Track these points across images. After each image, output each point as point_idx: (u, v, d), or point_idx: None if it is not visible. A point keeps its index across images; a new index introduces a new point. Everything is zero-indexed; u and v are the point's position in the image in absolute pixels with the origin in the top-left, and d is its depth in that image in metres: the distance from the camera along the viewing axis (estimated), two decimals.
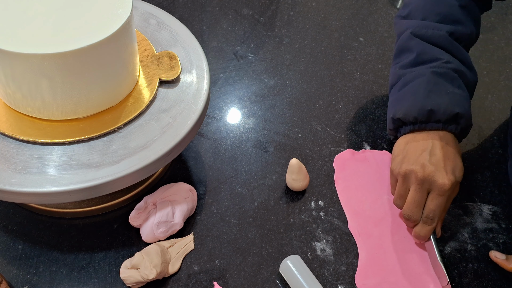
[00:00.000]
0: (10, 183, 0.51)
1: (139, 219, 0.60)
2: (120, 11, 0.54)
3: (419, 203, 0.61)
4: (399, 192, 0.63)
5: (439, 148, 0.61)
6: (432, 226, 0.61)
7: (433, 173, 0.60)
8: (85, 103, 0.56)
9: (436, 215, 0.60)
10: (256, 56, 0.89)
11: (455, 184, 0.60)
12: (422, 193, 0.61)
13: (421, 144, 0.63)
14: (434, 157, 0.61)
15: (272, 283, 0.59)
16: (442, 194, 0.60)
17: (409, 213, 0.61)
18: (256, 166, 0.71)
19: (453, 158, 0.62)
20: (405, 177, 0.62)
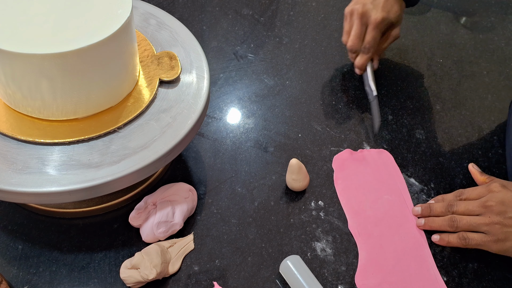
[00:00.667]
0: (10, 183, 0.51)
1: (139, 219, 0.60)
2: (120, 11, 0.54)
3: (359, 35, 0.77)
4: (345, 28, 0.79)
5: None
6: (368, 55, 0.78)
7: (370, 10, 0.76)
8: (85, 103, 0.56)
9: (371, 46, 0.77)
10: (256, 56, 0.89)
11: (386, 20, 0.76)
12: (361, 26, 0.76)
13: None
14: (375, 1, 0.76)
15: (272, 283, 0.59)
16: (375, 27, 0.75)
17: (351, 44, 0.77)
18: (256, 166, 0.71)
19: (391, 3, 0.76)
20: (350, 15, 0.78)
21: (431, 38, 0.96)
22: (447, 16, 1.02)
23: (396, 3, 0.78)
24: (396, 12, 0.77)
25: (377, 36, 0.77)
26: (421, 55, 0.93)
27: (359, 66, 0.80)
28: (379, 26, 0.76)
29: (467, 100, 0.85)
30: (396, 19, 0.78)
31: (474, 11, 1.05)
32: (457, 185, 0.71)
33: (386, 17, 0.76)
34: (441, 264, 0.63)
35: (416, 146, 0.76)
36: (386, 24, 0.77)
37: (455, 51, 0.94)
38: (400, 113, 0.81)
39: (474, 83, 0.88)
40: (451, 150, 0.76)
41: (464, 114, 0.82)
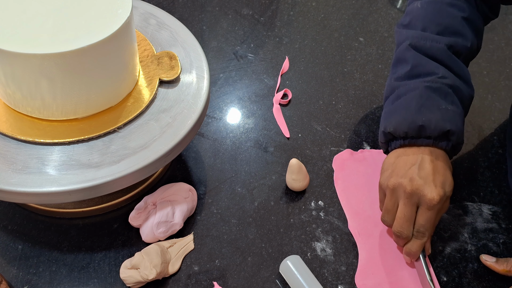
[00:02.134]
0: (10, 183, 0.51)
1: (139, 219, 0.60)
2: (120, 11, 0.54)
3: (409, 217, 0.59)
4: (387, 206, 0.61)
5: (428, 162, 0.60)
6: (423, 241, 0.60)
7: (422, 186, 0.58)
8: (85, 103, 0.56)
9: (426, 229, 0.59)
10: (256, 56, 0.89)
11: (444, 198, 0.59)
12: (411, 207, 0.59)
13: (410, 159, 0.61)
14: (423, 171, 0.59)
15: (272, 283, 0.59)
16: (431, 209, 0.58)
17: (400, 229, 0.60)
18: (256, 166, 0.71)
19: (443, 173, 0.60)
20: (393, 191, 0.60)
21: None
22: None
23: (447, 167, 0.61)
24: (451, 184, 0.60)
25: (433, 219, 0.59)
26: None
27: (412, 254, 0.61)
28: (436, 207, 0.58)
29: None
30: (452, 191, 0.61)
31: None
32: (457, 185, 0.71)
33: (443, 194, 0.58)
34: (441, 264, 0.63)
35: None
36: (444, 202, 0.60)
37: None
38: None
39: (474, 83, 0.88)
40: None
41: None
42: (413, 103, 0.62)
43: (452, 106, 0.62)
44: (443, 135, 0.61)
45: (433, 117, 0.61)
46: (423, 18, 0.67)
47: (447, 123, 0.60)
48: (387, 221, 0.62)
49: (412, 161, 0.61)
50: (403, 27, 0.70)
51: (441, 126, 0.60)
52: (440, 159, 0.61)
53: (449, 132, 0.61)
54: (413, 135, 0.62)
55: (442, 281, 0.61)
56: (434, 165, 0.60)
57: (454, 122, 0.61)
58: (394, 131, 0.63)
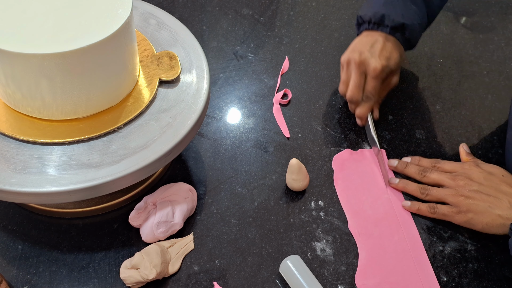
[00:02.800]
0: (10, 183, 0.51)
1: (139, 219, 0.60)
2: (120, 11, 0.54)
3: (358, 84, 0.72)
4: (343, 78, 0.75)
5: (380, 43, 0.73)
6: (369, 104, 0.74)
7: (368, 58, 0.71)
8: (85, 103, 0.56)
9: (372, 95, 0.73)
10: (256, 56, 0.89)
11: (386, 68, 0.72)
12: (360, 76, 0.72)
13: (367, 39, 0.74)
14: (372, 48, 0.72)
15: (272, 283, 0.59)
16: (375, 77, 0.71)
17: (351, 94, 0.73)
18: (256, 166, 0.71)
19: (390, 51, 0.73)
20: (348, 64, 0.74)
21: (431, 38, 0.96)
22: (447, 16, 1.02)
23: (395, 49, 0.74)
24: (396, 59, 0.74)
25: (378, 86, 0.73)
26: (421, 55, 0.93)
27: (360, 116, 0.75)
28: (380, 75, 0.72)
29: (467, 100, 0.85)
30: (396, 66, 0.75)
31: (474, 11, 1.05)
32: None
33: (386, 65, 0.72)
34: (441, 264, 0.63)
35: (416, 146, 0.76)
36: (386, 72, 0.73)
37: (455, 51, 0.94)
38: (400, 113, 0.81)
39: (474, 83, 0.88)
40: (451, 150, 0.76)
41: (464, 114, 0.82)
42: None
43: (415, 6, 0.74)
44: (398, 27, 0.74)
45: (393, 11, 0.73)
46: None
47: (404, 18, 0.73)
48: (342, 90, 0.76)
49: (368, 41, 0.74)
50: None
51: (398, 19, 0.73)
52: (391, 43, 0.74)
53: (403, 25, 0.74)
54: (375, 22, 0.75)
55: (442, 281, 0.61)
56: (383, 45, 0.73)
57: (411, 18, 0.74)
58: (363, 16, 0.76)
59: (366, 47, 0.73)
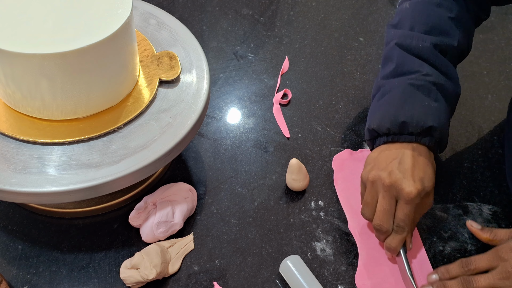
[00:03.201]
0: (10, 183, 0.51)
1: (139, 219, 0.60)
2: (120, 11, 0.54)
3: (387, 211, 0.59)
4: (366, 199, 0.62)
5: (409, 157, 0.60)
6: (402, 235, 0.60)
7: (400, 180, 0.59)
8: (85, 103, 0.56)
9: (406, 224, 0.59)
10: (256, 56, 0.89)
11: (422, 193, 0.59)
12: (390, 200, 0.59)
13: (392, 153, 0.62)
14: (402, 166, 0.60)
15: (272, 283, 0.59)
16: (409, 203, 0.58)
17: (379, 223, 0.60)
18: (256, 166, 0.71)
19: (423, 168, 0.60)
20: (373, 184, 0.61)
21: None
22: None
23: (428, 163, 0.61)
24: (431, 179, 0.60)
25: (412, 213, 0.59)
26: None
27: (392, 249, 0.61)
28: (414, 201, 0.58)
29: (467, 100, 0.85)
30: (432, 186, 0.60)
31: None
32: (457, 185, 0.71)
33: (421, 188, 0.58)
34: (441, 264, 0.63)
35: None
36: (422, 196, 0.59)
37: None
38: None
39: (474, 83, 0.88)
40: (451, 150, 0.76)
41: (464, 114, 0.82)
42: (396, 100, 0.63)
43: (435, 103, 0.62)
44: (426, 131, 0.61)
45: (415, 113, 0.61)
46: (411, 17, 0.68)
47: (429, 119, 0.61)
48: (366, 215, 0.62)
49: (393, 156, 0.61)
50: (392, 27, 0.71)
51: (423, 122, 0.61)
52: (423, 155, 0.61)
53: (431, 128, 0.61)
54: (395, 132, 0.62)
55: None
56: (414, 160, 0.60)
57: (437, 118, 0.61)
58: (377, 128, 0.63)
59: (394, 165, 0.60)
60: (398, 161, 0.60)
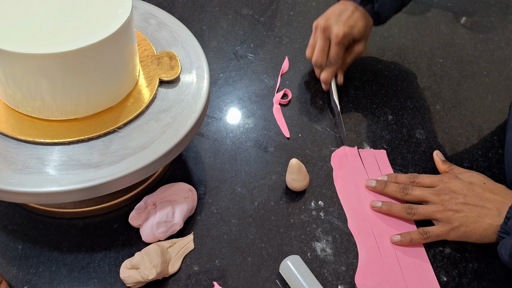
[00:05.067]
0: (10, 183, 0.51)
1: (139, 219, 0.60)
2: (120, 11, 0.54)
3: (322, 49, 0.77)
4: (310, 42, 0.80)
5: (349, 11, 0.76)
6: (333, 69, 0.78)
7: (332, 25, 0.75)
8: (85, 103, 0.56)
9: (335, 60, 0.77)
10: (256, 56, 0.89)
11: (348, 36, 0.75)
12: (324, 41, 0.76)
13: (339, 7, 0.78)
14: (340, 16, 0.76)
15: (272, 283, 0.59)
16: (337, 43, 0.75)
17: (315, 59, 0.77)
18: (256, 166, 0.71)
19: (356, 20, 0.76)
20: (315, 29, 0.78)
21: (431, 38, 0.96)
22: (447, 16, 1.02)
23: (362, 19, 0.77)
24: (360, 28, 0.76)
25: (340, 51, 0.76)
26: (421, 55, 0.93)
27: (323, 80, 0.79)
28: (342, 42, 0.75)
29: (467, 100, 0.85)
30: (360, 35, 0.77)
31: (474, 11, 1.05)
32: None
33: (348, 32, 0.75)
34: (441, 264, 0.63)
35: (416, 146, 0.76)
36: (349, 39, 0.76)
37: (455, 51, 0.94)
38: (400, 113, 0.81)
39: (474, 83, 0.88)
40: (451, 150, 0.76)
41: (464, 114, 0.82)
42: None
43: None
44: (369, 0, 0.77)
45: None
46: None
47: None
48: (307, 54, 0.80)
49: (338, 9, 0.77)
50: None
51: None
52: (361, 13, 0.77)
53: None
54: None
55: (442, 281, 0.61)
56: (351, 14, 0.76)
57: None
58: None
59: (334, 14, 0.76)
60: (339, 12, 0.77)
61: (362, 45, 0.79)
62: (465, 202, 0.62)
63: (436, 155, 0.72)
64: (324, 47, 0.77)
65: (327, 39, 0.76)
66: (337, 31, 0.74)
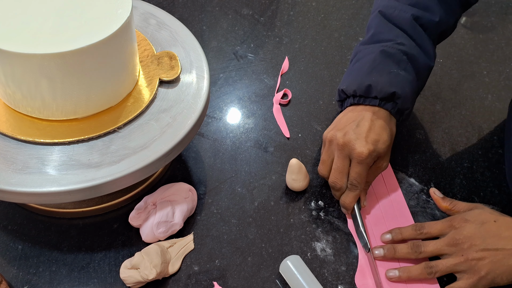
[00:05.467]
0: (10, 183, 0.51)
1: (139, 219, 0.60)
2: (120, 11, 0.54)
3: (341, 169, 0.64)
4: (323, 157, 0.66)
5: (368, 120, 0.64)
6: (355, 193, 0.64)
7: (353, 141, 0.62)
8: (85, 103, 0.56)
9: (358, 182, 0.63)
10: (256, 56, 0.89)
11: (373, 153, 0.62)
12: (343, 160, 0.63)
13: (354, 115, 0.66)
14: (359, 128, 0.63)
15: (272, 283, 0.59)
16: (361, 162, 0.62)
17: (334, 180, 0.64)
18: (256, 166, 0.71)
19: (378, 132, 0.63)
20: (330, 143, 0.65)
21: None
22: None
23: (385, 129, 0.64)
24: (385, 143, 0.63)
25: (364, 172, 0.63)
26: None
27: (346, 206, 0.65)
28: (366, 161, 0.62)
29: (467, 100, 0.85)
30: (385, 150, 0.64)
31: (474, 11, 1.05)
32: (457, 185, 0.71)
33: (373, 150, 0.62)
34: None
35: (416, 146, 0.76)
36: (373, 157, 0.63)
37: (455, 51, 0.94)
38: None
39: (474, 83, 0.88)
40: (451, 150, 0.77)
41: (464, 114, 0.82)
42: (367, 65, 0.66)
43: (403, 72, 0.65)
44: (389, 97, 0.64)
45: (381, 79, 0.65)
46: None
47: (393, 86, 0.64)
48: (322, 172, 0.67)
49: (354, 118, 0.65)
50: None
51: (387, 88, 0.64)
52: (381, 119, 0.65)
53: (394, 94, 0.64)
54: (361, 94, 0.66)
55: (442, 281, 0.61)
56: (371, 123, 0.64)
57: (402, 86, 0.64)
58: (346, 89, 0.67)
59: (351, 126, 0.64)
60: (357, 123, 0.64)
61: (386, 160, 0.66)
62: (485, 248, 0.57)
63: (434, 193, 0.66)
64: (343, 167, 0.63)
65: (346, 158, 0.63)
66: (360, 150, 0.61)
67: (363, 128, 0.63)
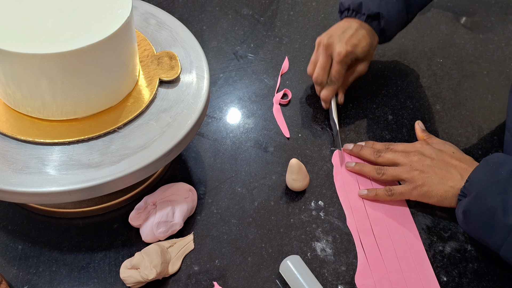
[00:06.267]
0: (10, 183, 0.51)
1: (139, 219, 0.60)
2: (120, 11, 0.54)
3: (323, 66, 0.74)
4: (312, 58, 0.78)
5: (353, 29, 0.75)
6: (333, 87, 0.75)
7: (335, 42, 0.74)
8: (85, 103, 0.56)
9: (336, 79, 0.74)
10: (256, 56, 0.89)
11: (350, 55, 0.73)
12: (326, 58, 0.74)
13: (344, 24, 0.76)
14: (344, 34, 0.74)
15: (272, 283, 0.59)
16: (339, 61, 0.73)
17: (316, 76, 0.75)
18: (256, 166, 0.71)
19: (360, 38, 0.74)
20: (318, 45, 0.76)
21: (431, 38, 0.96)
22: (447, 16, 1.02)
23: (366, 38, 0.75)
24: (363, 47, 0.75)
25: (341, 70, 0.74)
26: (421, 55, 0.93)
27: (323, 98, 0.77)
28: (343, 60, 0.73)
29: (467, 100, 0.85)
30: (363, 54, 0.75)
31: (474, 11, 1.05)
32: None
33: (350, 51, 0.73)
34: (441, 264, 0.63)
35: None
36: (351, 58, 0.75)
37: (455, 51, 0.94)
38: (400, 113, 0.81)
39: (474, 83, 0.88)
40: None
41: (464, 114, 0.82)
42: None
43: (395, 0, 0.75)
44: (374, 16, 0.75)
45: (371, 0, 0.75)
46: None
47: (381, 8, 0.75)
48: (310, 70, 0.78)
49: (343, 26, 0.76)
50: None
51: (374, 8, 0.74)
52: (365, 31, 0.75)
53: (379, 15, 0.75)
54: (353, 9, 0.77)
55: (442, 281, 0.61)
56: (355, 32, 0.75)
57: (388, 10, 0.75)
58: (343, 3, 0.78)
59: (338, 32, 0.75)
60: (343, 30, 0.75)
61: (364, 65, 0.78)
62: (431, 164, 0.65)
63: (417, 123, 0.74)
64: (325, 64, 0.74)
65: (329, 57, 0.74)
66: (339, 49, 0.72)
67: (347, 35, 0.74)
